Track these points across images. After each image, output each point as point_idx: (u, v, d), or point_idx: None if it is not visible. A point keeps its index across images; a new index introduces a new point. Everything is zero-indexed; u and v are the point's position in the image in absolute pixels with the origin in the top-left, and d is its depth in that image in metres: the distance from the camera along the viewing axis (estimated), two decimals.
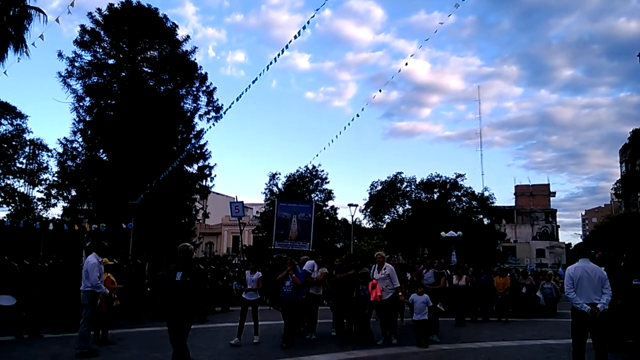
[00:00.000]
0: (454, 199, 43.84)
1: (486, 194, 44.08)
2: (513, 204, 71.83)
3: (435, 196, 43.48)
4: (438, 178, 43.50)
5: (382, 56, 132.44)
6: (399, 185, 43.87)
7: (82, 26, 27.60)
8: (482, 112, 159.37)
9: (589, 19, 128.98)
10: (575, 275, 6.51)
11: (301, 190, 38.78)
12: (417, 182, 43.94)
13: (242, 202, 21.94)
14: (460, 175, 43.22)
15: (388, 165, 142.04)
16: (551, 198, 73.04)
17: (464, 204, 44.00)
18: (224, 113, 18.58)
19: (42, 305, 10.58)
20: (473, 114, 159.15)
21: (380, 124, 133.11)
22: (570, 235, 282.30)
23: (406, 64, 12.89)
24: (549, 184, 73.98)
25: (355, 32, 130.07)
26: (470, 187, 43.85)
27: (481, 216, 44.70)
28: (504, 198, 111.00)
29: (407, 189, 44.23)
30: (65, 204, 29.88)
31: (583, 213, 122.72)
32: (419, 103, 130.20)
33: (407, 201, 44.23)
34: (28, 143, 35.54)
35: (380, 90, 14.27)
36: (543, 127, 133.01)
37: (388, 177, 44.06)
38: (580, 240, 70.09)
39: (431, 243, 37.31)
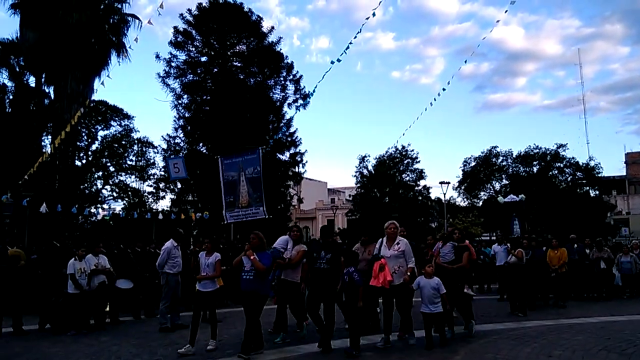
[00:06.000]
0: (556, 171, 41.47)
1: (592, 163, 41.17)
2: (624, 174, 66.37)
3: (535, 169, 41.42)
4: (537, 150, 41.32)
5: (470, 27, 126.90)
6: (494, 160, 42.26)
7: (175, 27, 29.46)
8: (584, 77, 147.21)
9: None
10: None
11: (391, 171, 38.66)
12: (514, 156, 42.09)
13: (182, 157, 17.95)
14: (561, 146, 40.69)
15: (482, 141, 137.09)
16: None
17: (567, 175, 41.50)
18: (310, 96, 18.55)
19: (155, 287, 11.63)
20: (574, 79, 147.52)
21: (472, 97, 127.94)
22: None
23: (491, 31, 12.27)
24: None
25: (439, 4, 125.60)
26: (573, 158, 41.20)
27: (587, 188, 41.92)
28: (614, 167, 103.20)
29: (504, 163, 42.51)
30: (173, 196, 32.26)
31: None
32: (513, 72, 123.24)
33: (504, 176, 42.57)
34: (136, 142, 38.51)
35: (465, 62, 14.03)
36: None
37: (482, 153, 42.61)
38: None
39: (532, 219, 35.74)
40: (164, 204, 39.80)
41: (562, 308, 11.56)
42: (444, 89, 15.05)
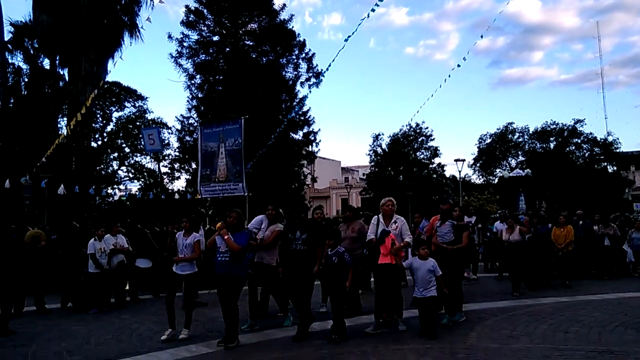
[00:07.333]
0: (573, 147, 40.99)
1: (610, 139, 40.64)
2: None
3: (552, 145, 40.97)
4: (554, 126, 40.86)
5: (485, 0, 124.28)
6: (510, 136, 41.95)
7: (187, 7, 29.25)
8: (602, 50, 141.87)
9: None
10: None
11: (406, 149, 38.50)
12: (530, 132, 41.67)
13: (157, 128, 16.55)
14: (579, 121, 40.23)
15: (498, 117, 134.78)
16: None
17: (585, 151, 41.00)
18: (323, 75, 18.36)
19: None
20: (592, 53, 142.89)
21: (488, 73, 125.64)
22: None
23: (507, 3, 11.86)
24: None
25: None
26: (591, 133, 40.68)
27: (605, 164, 41.41)
28: (633, 142, 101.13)
29: (520, 139, 42.15)
30: (188, 176, 32.48)
31: None
32: (530, 46, 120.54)
33: (520, 153, 42.21)
34: (150, 122, 38.78)
35: (481, 37, 13.66)
36: None
37: (498, 129, 42.26)
38: None
39: (548, 195, 35.44)
40: (180, 184, 40.17)
41: (566, 287, 10.86)
42: (459, 65, 14.49)
